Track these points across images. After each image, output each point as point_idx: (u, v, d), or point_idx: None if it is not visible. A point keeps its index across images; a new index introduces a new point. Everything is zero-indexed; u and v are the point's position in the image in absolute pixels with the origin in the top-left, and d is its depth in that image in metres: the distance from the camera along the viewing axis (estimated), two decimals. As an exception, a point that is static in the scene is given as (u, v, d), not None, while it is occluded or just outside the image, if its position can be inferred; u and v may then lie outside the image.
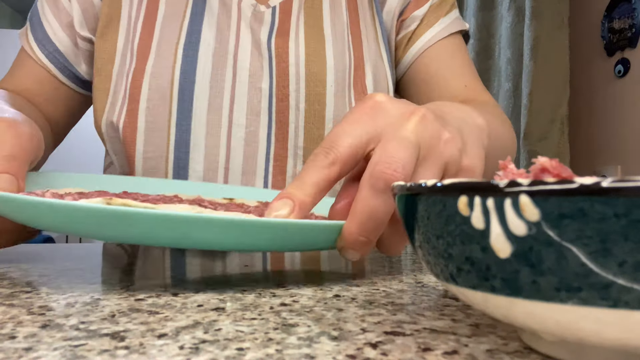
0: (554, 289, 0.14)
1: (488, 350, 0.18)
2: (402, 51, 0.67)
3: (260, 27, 0.61)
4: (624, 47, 1.72)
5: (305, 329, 0.20)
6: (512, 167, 0.17)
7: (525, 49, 1.76)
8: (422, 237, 0.17)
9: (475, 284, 0.16)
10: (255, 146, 0.59)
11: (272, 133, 0.59)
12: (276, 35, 0.61)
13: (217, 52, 0.59)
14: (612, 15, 1.77)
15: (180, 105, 0.58)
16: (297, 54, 0.60)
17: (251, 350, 0.17)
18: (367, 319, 0.22)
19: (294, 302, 0.24)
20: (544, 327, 0.15)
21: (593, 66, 1.84)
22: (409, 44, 0.66)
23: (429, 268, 0.18)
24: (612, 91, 1.77)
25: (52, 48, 0.63)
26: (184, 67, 0.58)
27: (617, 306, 0.13)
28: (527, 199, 0.13)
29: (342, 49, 0.62)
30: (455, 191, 0.15)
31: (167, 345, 0.18)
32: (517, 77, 1.83)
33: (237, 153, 0.58)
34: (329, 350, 0.17)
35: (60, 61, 0.63)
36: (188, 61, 0.58)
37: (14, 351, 0.17)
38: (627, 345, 0.14)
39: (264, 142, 0.59)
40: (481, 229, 0.14)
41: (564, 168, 0.15)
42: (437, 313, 0.23)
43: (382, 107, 0.30)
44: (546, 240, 0.13)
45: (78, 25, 0.63)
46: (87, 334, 0.19)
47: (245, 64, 0.59)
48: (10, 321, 0.21)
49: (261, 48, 0.60)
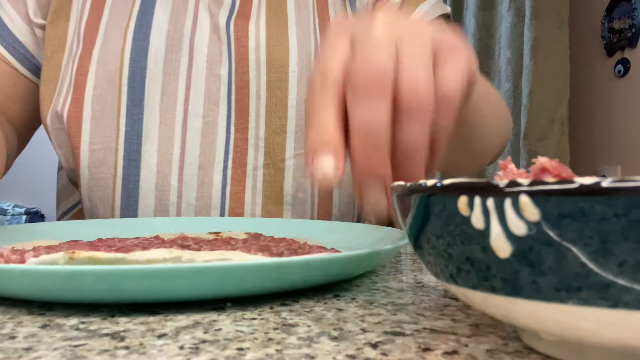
0: (554, 289, 0.14)
1: (488, 350, 0.18)
2: None
3: (219, 9, 0.57)
4: (624, 47, 1.72)
5: (305, 329, 0.20)
6: (512, 167, 0.17)
7: (525, 49, 1.76)
8: (422, 237, 0.17)
9: (475, 284, 0.16)
10: (213, 137, 0.55)
11: (231, 123, 0.55)
12: (236, 17, 0.57)
13: (170, 36, 0.55)
14: (612, 15, 1.77)
15: (131, 93, 0.53)
16: (257, 38, 0.56)
17: (251, 350, 0.17)
18: (367, 319, 0.22)
19: (294, 302, 0.24)
20: (544, 327, 0.15)
21: (593, 66, 1.84)
22: None
23: (429, 268, 0.18)
24: (612, 91, 1.77)
25: (11, 39, 0.59)
26: (134, 52, 0.54)
27: (617, 306, 0.13)
28: (527, 199, 0.13)
29: (306, 32, 0.58)
30: (455, 191, 0.15)
31: (167, 345, 0.18)
32: (517, 77, 1.82)
33: (193, 145, 0.54)
34: (329, 350, 0.17)
35: (20, 52, 0.59)
36: (138, 46, 0.54)
37: (14, 351, 0.17)
38: (627, 345, 0.14)
39: (223, 132, 0.55)
40: (481, 229, 0.14)
41: (564, 168, 0.15)
42: (437, 313, 0.23)
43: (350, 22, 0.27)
44: (546, 240, 0.13)
45: (32, 13, 0.59)
46: (87, 334, 0.19)
47: (202, 49, 0.55)
48: (10, 321, 0.21)
49: (220, 32, 0.56)
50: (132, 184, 0.54)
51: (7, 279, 0.22)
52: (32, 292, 0.23)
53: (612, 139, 1.78)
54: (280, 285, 0.24)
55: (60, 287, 0.21)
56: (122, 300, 0.23)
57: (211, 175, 0.54)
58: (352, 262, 0.26)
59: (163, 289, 0.22)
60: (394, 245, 0.29)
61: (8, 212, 2.74)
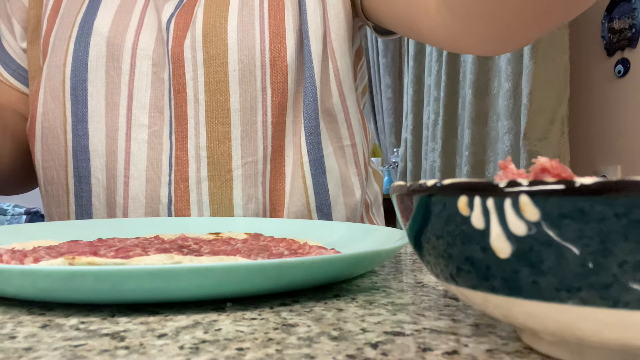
0: (554, 289, 0.14)
1: (488, 350, 0.18)
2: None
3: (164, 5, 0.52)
4: (624, 47, 1.72)
5: (305, 329, 0.20)
6: (512, 167, 0.17)
7: (525, 49, 1.76)
8: (422, 237, 0.17)
9: (475, 284, 0.16)
10: (159, 149, 0.50)
11: (172, 131, 0.50)
12: (178, 14, 0.51)
13: (111, 42, 0.50)
14: (612, 15, 1.77)
15: (74, 108, 0.50)
16: (193, 35, 0.50)
17: (251, 350, 0.17)
18: (367, 319, 0.22)
19: (294, 302, 0.24)
20: (544, 327, 0.15)
21: (593, 66, 1.84)
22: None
23: (429, 268, 0.18)
24: (612, 91, 1.77)
25: (14, 66, 0.59)
26: (74, 64, 0.50)
27: (617, 306, 0.13)
28: (527, 199, 0.13)
29: (248, 20, 0.50)
30: (455, 191, 0.15)
31: (167, 345, 0.18)
32: (517, 77, 1.83)
33: (139, 158, 0.49)
34: (329, 350, 0.17)
35: (24, 77, 0.59)
36: (78, 57, 0.50)
37: (14, 351, 0.17)
38: (627, 345, 0.14)
39: (167, 143, 0.50)
40: (481, 229, 0.14)
41: (564, 168, 0.15)
42: (437, 313, 0.23)
43: None
44: (546, 240, 0.13)
45: (19, 39, 0.58)
46: (87, 334, 0.19)
47: (147, 52, 0.50)
48: (10, 321, 0.21)
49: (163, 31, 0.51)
50: (85, 201, 0.51)
51: (7, 280, 0.22)
52: (32, 292, 0.23)
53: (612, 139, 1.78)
54: (280, 286, 0.24)
55: (60, 287, 0.21)
56: (122, 300, 0.23)
57: (158, 190, 0.50)
58: (352, 262, 0.26)
59: (163, 289, 0.22)
60: (394, 245, 0.29)
61: (8, 212, 2.74)
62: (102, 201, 0.51)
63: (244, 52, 0.49)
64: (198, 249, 0.32)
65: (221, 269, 0.22)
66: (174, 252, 0.29)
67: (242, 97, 0.49)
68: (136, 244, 0.34)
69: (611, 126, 1.77)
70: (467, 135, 2.03)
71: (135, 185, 0.49)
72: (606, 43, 1.79)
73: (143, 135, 0.50)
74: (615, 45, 1.75)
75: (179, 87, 0.49)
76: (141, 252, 0.29)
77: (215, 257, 0.28)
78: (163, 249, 0.31)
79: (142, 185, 0.49)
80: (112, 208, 0.50)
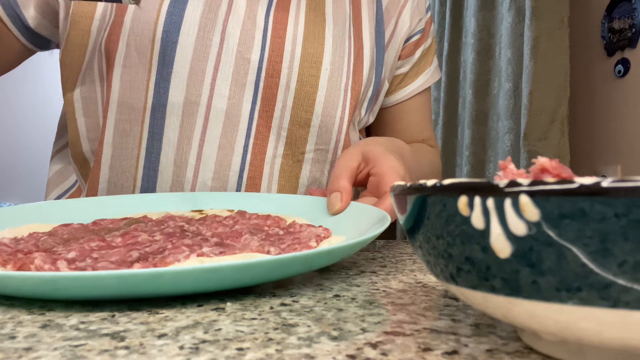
0: (554, 289, 0.14)
1: (488, 350, 0.18)
2: (393, 88, 0.70)
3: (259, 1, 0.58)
4: (624, 47, 1.72)
5: (305, 329, 0.20)
6: (512, 167, 0.17)
7: (525, 49, 1.76)
8: (422, 237, 0.17)
9: (475, 284, 0.16)
10: (236, 120, 0.55)
11: (255, 109, 0.56)
12: (275, 8, 0.58)
13: (204, 15, 0.55)
14: (612, 15, 1.77)
15: (160, 66, 0.53)
16: (295, 32, 0.57)
17: (251, 350, 0.17)
18: (367, 319, 0.22)
19: (294, 302, 0.24)
20: (544, 327, 0.15)
21: (593, 66, 1.84)
22: (397, 88, 0.70)
23: (429, 268, 0.18)
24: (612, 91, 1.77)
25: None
26: (167, 26, 0.54)
27: (617, 306, 0.13)
28: (527, 199, 0.13)
29: (341, 34, 0.60)
30: (455, 191, 0.15)
31: (167, 345, 0.18)
32: (517, 77, 1.82)
33: (216, 125, 0.54)
34: (329, 350, 0.17)
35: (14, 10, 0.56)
36: (172, 20, 0.54)
37: (14, 351, 0.17)
38: (627, 345, 0.14)
39: (246, 116, 0.56)
40: (481, 229, 0.14)
41: (564, 168, 0.15)
42: (437, 313, 0.23)
43: None
44: (546, 240, 0.13)
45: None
46: (87, 334, 0.19)
47: (235, 31, 0.56)
48: (10, 321, 0.21)
49: (257, 19, 0.57)
50: (154, 157, 0.54)
51: (7, 280, 0.22)
52: (32, 293, 0.23)
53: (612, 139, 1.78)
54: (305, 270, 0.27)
55: (60, 288, 0.22)
56: (122, 296, 0.23)
57: (230, 157, 0.55)
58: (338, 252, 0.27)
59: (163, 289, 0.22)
60: (375, 232, 0.30)
61: (8, 212, 2.74)
62: (170, 160, 0.54)
63: (335, 58, 0.58)
64: (200, 232, 0.35)
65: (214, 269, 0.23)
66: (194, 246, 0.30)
67: (327, 93, 0.57)
68: (126, 224, 0.36)
69: (611, 126, 1.77)
70: (467, 135, 2.02)
71: (208, 149, 0.54)
72: (606, 43, 1.79)
73: (222, 104, 0.55)
74: (615, 45, 1.75)
75: (272, 73, 0.56)
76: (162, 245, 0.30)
77: (240, 254, 0.29)
78: (170, 233, 0.33)
79: (214, 151, 0.54)
80: (181, 167, 0.54)
